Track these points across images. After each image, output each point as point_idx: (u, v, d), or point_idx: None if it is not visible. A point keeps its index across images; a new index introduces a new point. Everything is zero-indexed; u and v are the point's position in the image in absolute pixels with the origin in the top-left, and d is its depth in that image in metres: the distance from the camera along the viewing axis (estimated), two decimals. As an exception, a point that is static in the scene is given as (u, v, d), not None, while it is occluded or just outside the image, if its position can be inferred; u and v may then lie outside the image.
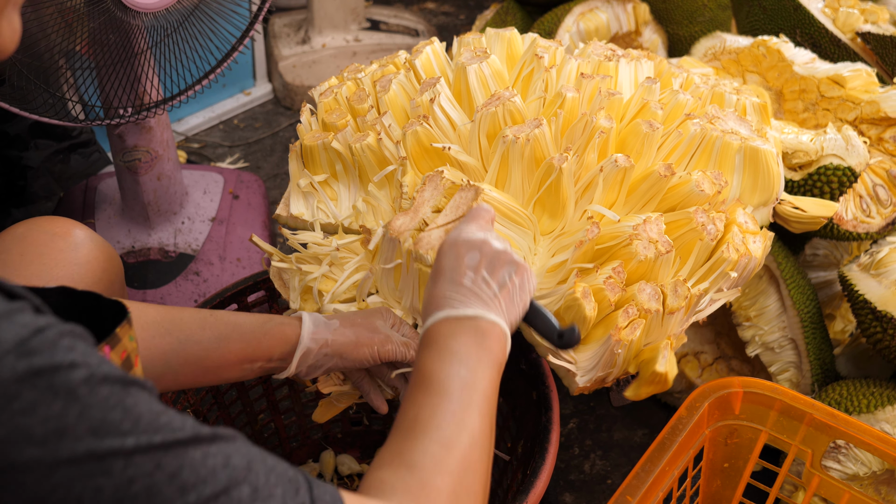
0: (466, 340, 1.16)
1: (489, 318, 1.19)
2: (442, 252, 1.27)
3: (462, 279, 1.22)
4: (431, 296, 1.23)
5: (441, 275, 1.24)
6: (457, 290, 1.21)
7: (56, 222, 1.55)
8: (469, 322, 1.18)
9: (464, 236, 1.26)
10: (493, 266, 1.24)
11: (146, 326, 1.28)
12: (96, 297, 0.97)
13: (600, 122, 1.53)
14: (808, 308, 1.97)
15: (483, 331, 1.18)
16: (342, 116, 1.72)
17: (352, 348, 1.42)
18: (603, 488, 2.13)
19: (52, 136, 2.47)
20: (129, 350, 0.95)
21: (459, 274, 1.22)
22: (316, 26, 3.49)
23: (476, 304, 1.20)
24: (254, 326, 1.38)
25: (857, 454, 1.71)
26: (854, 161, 1.84)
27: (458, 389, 1.10)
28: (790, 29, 2.27)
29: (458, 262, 1.23)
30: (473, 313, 1.18)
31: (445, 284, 1.22)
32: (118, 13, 1.89)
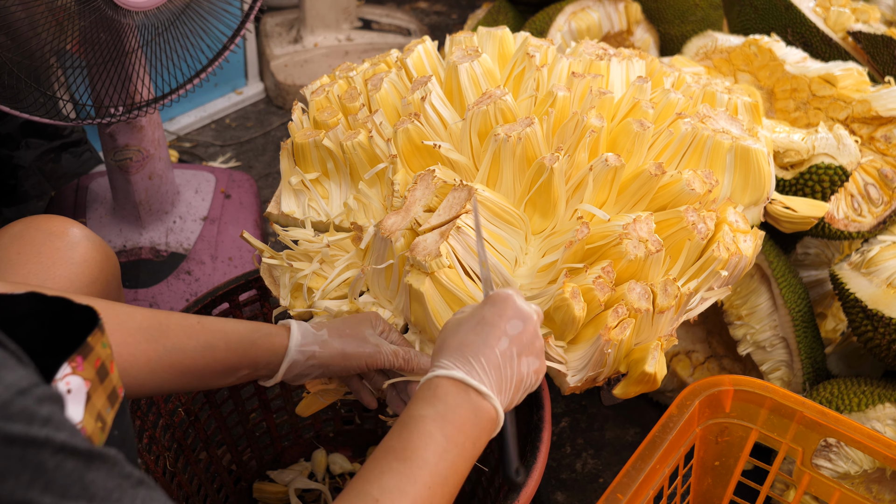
0: (464, 420, 1.16)
1: (496, 405, 1.19)
2: (491, 299, 1.26)
3: (495, 344, 1.21)
4: (459, 341, 1.22)
5: (480, 323, 1.23)
6: (483, 353, 1.20)
7: (53, 221, 1.55)
8: (477, 399, 1.18)
9: (516, 300, 1.26)
10: (527, 348, 1.24)
11: (133, 332, 1.27)
12: (67, 303, 0.96)
13: (591, 121, 1.53)
14: (799, 307, 1.97)
15: (484, 417, 1.18)
16: (333, 115, 1.72)
17: (339, 360, 1.41)
18: (594, 487, 2.13)
19: (44, 136, 2.46)
20: (104, 357, 0.95)
21: (495, 337, 1.21)
22: (308, 26, 3.48)
23: (492, 380, 1.19)
24: (241, 336, 1.37)
25: (847, 453, 1.72)
26: (845, 160, 1.85)
27: (430, 476, 1.10)
28: (781, 28, 2.27)
29: (498, 321, 1.23)
30: (486, 391, 1.18)
31: (477, 338, 1.21)
32: (109, 12, 1.89)
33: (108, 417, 0.96)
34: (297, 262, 1.60)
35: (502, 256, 1.47)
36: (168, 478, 1.71)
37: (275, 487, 2.00)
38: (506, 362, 1.21)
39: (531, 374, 1.25)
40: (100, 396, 0.94)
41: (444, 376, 1.18)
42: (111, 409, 0.97)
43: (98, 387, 0.93)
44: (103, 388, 0.95)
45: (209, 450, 1.86)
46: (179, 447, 1.77)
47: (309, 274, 1.57)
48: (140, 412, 1.63)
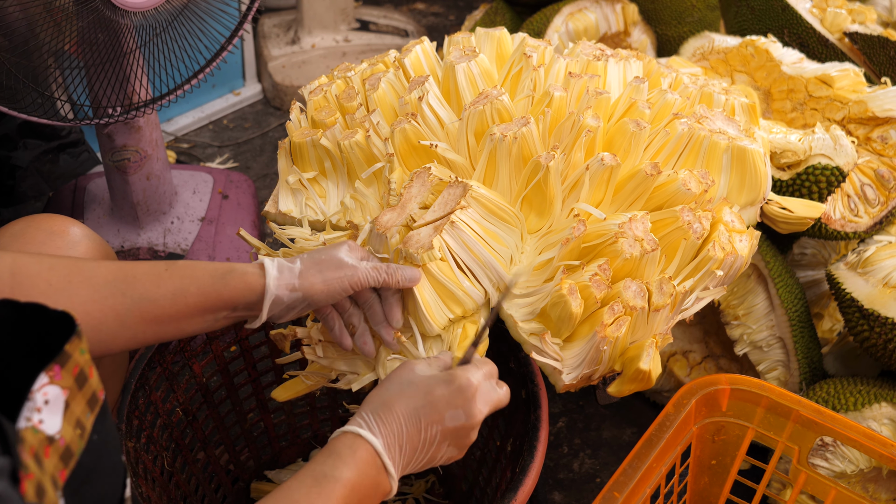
0: (367, 491, 1.20)
1: (394, 486, 1.23)
2: (453, 378, 1.28)
3: (426, 430, 1.25)
4: (399, 410, 1.25)
5: (425, 401, 1.26)
6: (410, 435, 1.24)
7: (53, 220, 1.55)
8: (383, 476, 1.22)
9: (477, 393, 1.28)
10: (454, 440, 1.28)
11: (99, 287, 1.26)
12: (42, 309, 0.96)
13: (588, 121, 1.53)
14: (796, 307, 1.98)
15: (381, 492, 1.22)
16: (331, 114, 1.73)
17: (321, 288, 1.37)
18: (592, 487, 2.13)
19: (41, 136, 2.46)
20: (82, 364, 0.95)
21: (429, 421, 1.25)
22: (305, 27, 3.49)
23: (405, 460, 1.24)
24: (213, 278, 1.34)
25: (844, 452, 1.72)
26: (842, 161, 1.85)
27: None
28: (778, 29, 2.28)
29: (444, 408, 1.26)
30: (394, 474, 1.22)
31: (412, 412, 1.25)
32: (107, 12, 1.89)
33: (87, 423, 0.96)
34: (293, 260, 1.61)
35: (498, 254, 1.47)
36: (166, 477, 1.71)
37: (272, 487, 2.00)
38: (426, 447, 1.26)
39: (444, 458, 1.30)
40: (78, 403, 0.94)
41: (367, 440, 1.21)
42: (91, 413, 0.97)
43: (77, 394, 0.93)
44: (82, 395, 0.95)
45: (207, 450, 1.86)
46: (177, 447, 1.77)
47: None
48: (138, 412, 1.63)
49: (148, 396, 1.67)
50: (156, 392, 1.69)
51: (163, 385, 1.72)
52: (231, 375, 1.86)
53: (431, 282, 1.42)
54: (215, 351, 1.81)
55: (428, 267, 1.41)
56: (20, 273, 1.21)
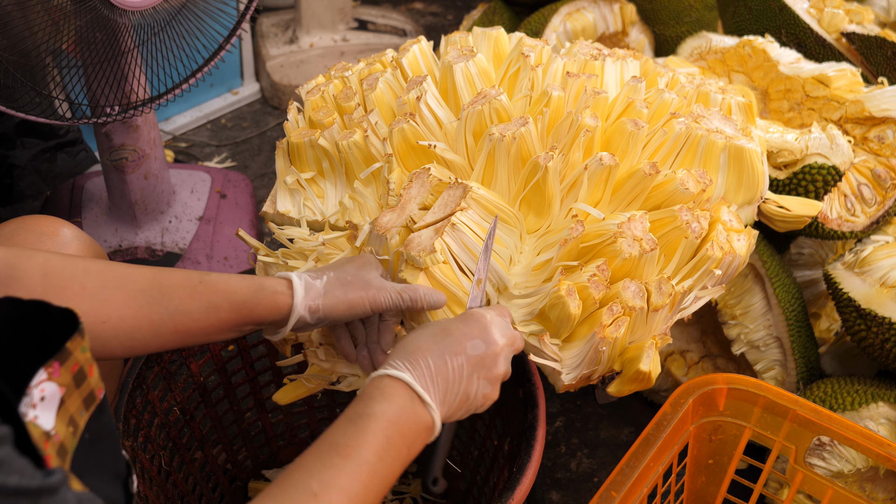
0: (405, 424, 1.19)
1: (434, 416, 1.22)
2: (464, 315, 1.31)
3: (450, 358, 1.25)
4: (417, 345, 1.26)
5: (442, 333, 1.27)
6: (436, 363, 1.24)
7: (43, 221, 1.55)
8: (419, 407, 1.21)
9: (490, 323, 1.30)
10: (482, 371, 1.28)
11: (135, 295, 1.27)
12: (44, 306, 0.96)
13: (586, 120, 1.53)
14: (793, 306, 1.98)
15: (423, 425, 1.22)
16: (329, 114, 1.73)
17: (343, 309, 1.38)
18: (589, 486, 2.13)
19: (39, 135, 2.46)
20: (82, 362, 0.95)
21: (452, 351, 1.25)
22: (304, 26, 3.49)
23: (438, 391, 1.24)
24: (245, 295, 1.35)
25: (841, 451, 1.73)
26: (838, 160, 1.85)
27: (368, 475, 1.13)
28: (775, 29, 2.28)
29: (462, 338, 1.27)
30: (429, 401, 1.22)
31: (434, 347, 1.25)
32: (105, 11, 1.89)
33: (80, 421, 0.96)
34: (292, 260, 1.61)
35: (497, 255, 1.47)
36: (163, 476, 1.71)
37: (270, 486, 2.00)
38: (456, 378, 1.25)
39: (479, 396, 1.29)
40: (74, 401, 0.94)
41: (394, 377, 1.22)
42: (86, 411, 0.97)
43: (73, 392, 0.94)
44: (79, 393, 0.95)
45: (204, 449, 1.87)
46: (175, 446, 1.78)
47: (304, 272, 1.57)
48: (135, 411, 1.63)
49: (145, 395, 1.67)
50: (153, 391, 1.69)
51: (160, 384, 1.72)
52: (229, 375, 1.86)
53: (434, 284, 1.42)
54: (213, 350, 1.81)
55: (430, 270, 1.41)
56: (53, 274, 1.21)
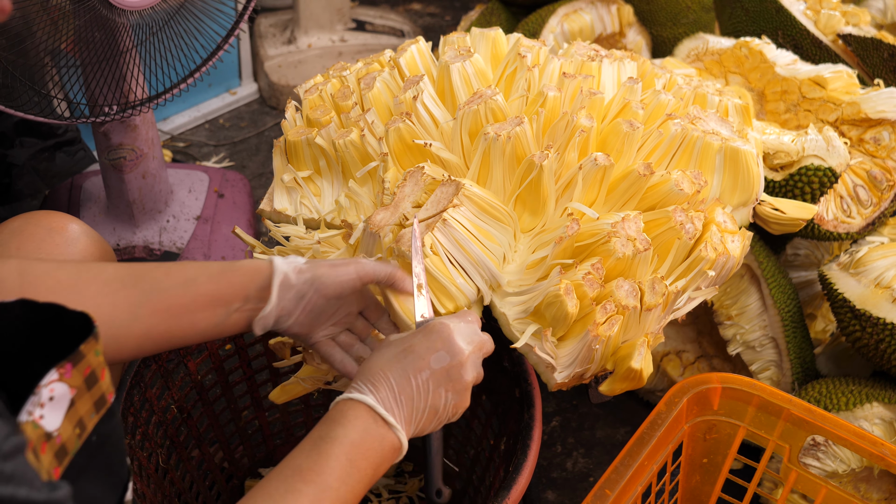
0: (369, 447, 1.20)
1: (400, 436, 1.23)
2: (426, 328, 1.30)
3: (414, 375, 1.25)
4: (380, 366, 1.25)
5: (405, 351, 1.27)
6: (399, 383, 1.24)
7: (52, 217, 1.56)
8: (383, 428, 1.22)
9: (453, 332, 1.29)
10: (448, 383, 1.27)
11: (108, 282, 1.24)
12: (60, 309, 0.96)
13: (581, 121, 1.54)
14: (788, 307, 1.98)
15: (387, 446, 1.22)
16: (326, 113, 1.73)
17: (329, 270, 1.35)
18: (585, 486, 2.14)
19: (38, 134, 2.47)
20: (94, 365, 0.95)
21: (415, 368, 1.25)
22: (302, 26, 3.49)
23: (403, 411, 1.24)
24: (222, 266, 1.32)
25: (836, 451, 1.73)
26: (835, 162, 1.86)
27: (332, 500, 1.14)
28: (772, 31, 2.29)
29: (424, 353, 1.26)
30: (393, 422, 1.22)
31: (397, 366, 1.25)
32: (103, 11, 1.90)
33: (89, 423, 0.97)
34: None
35: (491, 252, 1.48)
36: (160, 474, 1.72)
37: (267, 485, 2.01)
38: (421, 395, 1.25)
39: (449, 407, 1.29)
40: (85, 403, 0.94)
41: (357, 400, 1.22)
42: (95, 414, 0.98)
43: (84, 394, 0.94)
44: (90, 395, 0.95)
45: (201, 447, 1.87)
46: (172, 444, 1.78)
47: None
48: (133, 409, 1.64)
49: (143, 394, 1.68)
50: (151, 389, 1.70)
51: (158, 382, 1.72)
52: (226, 373, 1.86)
53: (426, 277, 1.42)
54: (210, 349, 1.81)
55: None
56: (28, 273, 1.20)
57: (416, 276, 1.38)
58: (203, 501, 1.90)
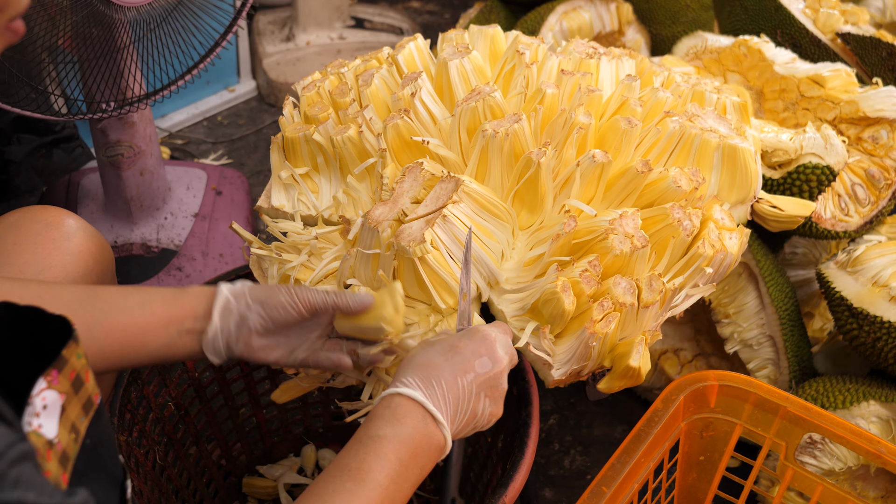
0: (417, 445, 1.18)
1: (446, 435, 1.22)
2: (470, 332, 1.30)
3: (461, 376, 1.24)
4: (427, 361, 1.25)
5: (451, 350, 1.26)
6: (447, 381, 1.23)
7: (49, 212, 1.56)
8: (431, 426, 1.21)
9: (495, 341, 1.30)
10: (489, 389, 1.28)
11: (68, 302, 1.25)
12: (40, 313, 0.96)
13: (579, 118, 1.54)
14: (786, 306, 1.99)
15: (434, 445, 1.21)
16: (324, 109, 1.73)
17: (269, 293, 1.35)
18: (583, 483, 2.14)
19: (35, 131, 2.47)
20: (78, 368, 0.95)
21: (462, 369, 1.25)
22: (300, 24, 3.49)
23: (449, 410, 1.23)
24: (175, 290, 1.34)
25: (832, 449, 1.73)
26: (832, 160, 1.86)
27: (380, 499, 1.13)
28: (771, 29, 2.29)
29: (470, 356, 1.26)
30: (442, 420, 1.21)
31: (445, 364, 1.24)
32: (101, 7, 1.90)
33: (81, 427, 0.96)
34: (285, 253, 1.61)
35: (489, 249, 1.48)
36: (158, 471, 1.72)
37: (264, 482, 2.01)
38: (465, 396, 1.25)
39: (486, 415, 1.29)
40: (74, 407, 0.94)
41: (406, 395, 1.20)
42: (85, 417, 0.97)
43: (73, 398, 0.94)
44: (78, 399, 0.95)
45: (199, 444, 1.87)
46: (169, 441, 1.78)
47: (297, 266, 1.58)
48: (130, 406, 1.64)
49: (140, 391, 1.67)
50: (148, 386, 1.70)
51: (155, 379, 1.72)
52: (224, 370, 1.86)
53: (426, 271, 1.42)
54: (207, 346, 1.81)
55: (424, 257, 1.40)
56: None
57: (462, 284, 1.40)
58: (200, 499, 1.90)
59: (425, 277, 1.42)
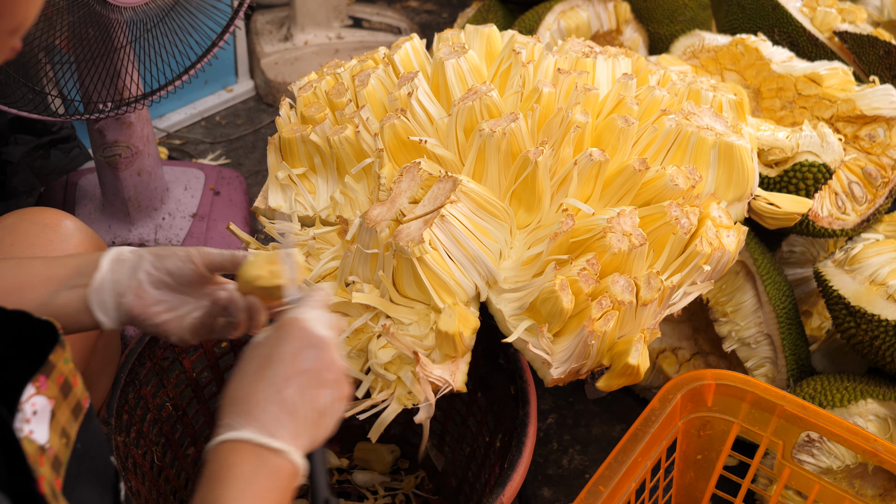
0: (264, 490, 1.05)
1: (294, 459, 1.08)
2: (280, 328, 1.16)
3: (285, 387, 1.10)
4: (244, 391, 1.11)
5: (267, 363, 1.12)
6: (273, 401, 1.09)
7: (46, 213, 1.56)
8: (273, 459, 1.06)
9: (309, 324, 1.16)
10: (324, 379, 1.14)
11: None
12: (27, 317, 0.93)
13: (576, 116, 1.54)
14: (784, 304, 1.99)
15: (284, 476, 1.07)
16: (321, 110, 1.73)
17: (165, 249, 1.27)
18: (581, 483, 2.14)
19: (33, 132, 2.46)
20: (66, 373, 0.94)
21: (284, 378, 1.11)
22: (298, 23, 3.49)
23: (287, 429, 1.08)
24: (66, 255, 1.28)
25: (830, 448, 1.73)
26: (829, 158, 1.86)
27: None
28: (768, 28, 2.29)
29: (290, 358, 1.13)
30: (281, 447, 1.07)
31: (264, 385, 1.10)
32: (98, 7, 1.90)
33: (71, 431, 0.96)
34: (283, 253, 1.61)
35: (487, 249, 1.48)
36: (156, 472, 1.72)
37: (262, 482, 2.01)
38: (301, 402, 1.11)
39: (333, 403, 1.14)
40: (63, 412, 0.94)
41: (235, 440, 1.06)
42: (75, 422, 0.97)
43: (62, 403, 0.93)
44: (67, 404, 0.95)
45: (197, 445, 1.87)
46: (167, 442, 1.78)
47: (294, 266, 1.58)
48: (128, 407, 1.64)
49: (138, 391, 1.68)
50: (146, 387, 1.70)
51: (153, 380, 1.72)
52: (221, 371, 1.86)
53: (425, 272, 1.42)
54: (206, 346, 1.81)
55: (423, 258, 1.40)
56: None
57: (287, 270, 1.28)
58: (198, 498, 1.90)
59: (424, 278, 1.42)
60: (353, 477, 2.04)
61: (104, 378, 1.67)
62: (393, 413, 1.44)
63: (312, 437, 1.12)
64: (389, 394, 1.46)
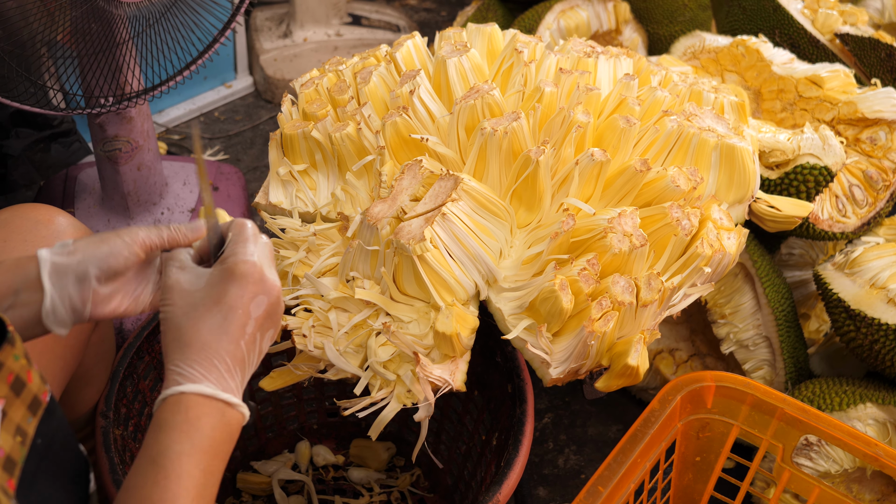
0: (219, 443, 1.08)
1: (244, 411, 1.11)
2: (232, 271, 1.15)
3: (241, 336, 1.12)
4: (203, 340, 1.10)
5: (221, 309, 1.12)
6: (229, 352, 1.11)
7: (38, 209, 1.55)
8: (229, 413, 1.09)
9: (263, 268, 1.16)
10: (270, 322, 1.17)
11: None
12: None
13: (578, 116, 1.54)
14: (782, 306, 1.99)
15: (235, 427, 1.11)
16: (322, 107, 1.73)
17: (99, 242, 1.20)
18: (577, 483, 2.14)
19: (33, 125, 2.46)
20: (17, 370, 0.92)
21: (238, 326, 1.12)
22: (297, 20, 3.49)
23: (238, 379, 1.12)
24: None
25: (829, 451, 1.73)
26: (830, 160, 1.86)
27: None
28: (769, 29, 2.29)
29: (244, 304, 1.13)
30: (236, 401, 1.10)
31: (221, 334, 1.11)
32: (100, 2, 1.89)
33: (29, 428, 0.95)
34: (283, 250, 1.61)
35: (488, 248, 1.48)
36: (152, 467, 1.71)
37: (258, 478, 2.01)
38: (250, 353, 1.14)
39: (270, 341, 1.19)
40: (17, 410, 0.92)
41: (194, 393, 1.07)
42: (33, 418, 0.96)
43: (14, 401, 0.92)
44: (21, 401, 0.93)
45: (194, 440, 1.87)
46: (164, 436, 1.78)
47: (295, 262, 1.58)
48: (126, 400, 1.64)
49: (136, 385, 1.67)
50: (143, 381, 1.69)
51: (151, 374, 1.72)
52: (219, 366, 1.86)
53: (426, 270, 1.42)
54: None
55: (423, 256, 1.40)
56: None
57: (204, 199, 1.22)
58: (195, 494, 1.90)
59: (424, 276, 1.42)
60: (349, 474, 2.04)
61: (99, 372, 1.67)
62: (392, 412, 1.44)
63: (247, 378, 1.15)
64: (389, 392, 1.46)
